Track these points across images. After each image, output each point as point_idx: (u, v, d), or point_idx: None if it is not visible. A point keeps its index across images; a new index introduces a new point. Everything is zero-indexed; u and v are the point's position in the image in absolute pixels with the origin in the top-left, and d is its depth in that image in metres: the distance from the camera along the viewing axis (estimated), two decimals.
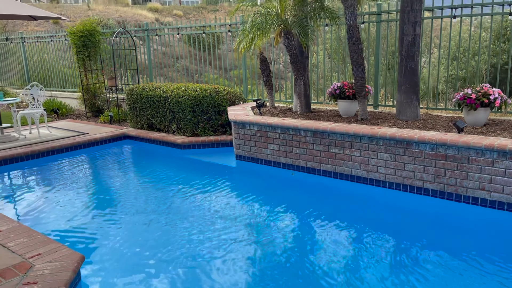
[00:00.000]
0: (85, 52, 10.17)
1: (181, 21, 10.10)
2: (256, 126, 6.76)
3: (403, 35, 6.14)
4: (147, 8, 51.10)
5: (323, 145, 6.05)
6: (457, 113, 6.90)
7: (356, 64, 6.15)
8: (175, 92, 8.23)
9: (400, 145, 5.32)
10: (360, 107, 6.38)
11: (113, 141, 8.71)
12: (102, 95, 10.70)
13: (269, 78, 7.92)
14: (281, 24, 6.50)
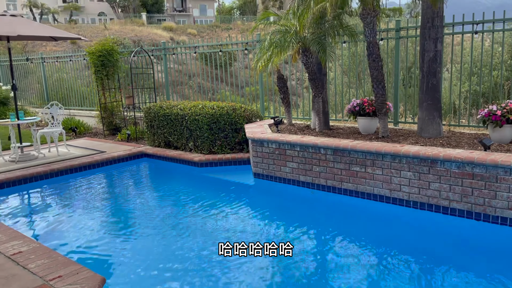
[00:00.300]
0: (104, 71, 10.29)
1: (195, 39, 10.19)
2: (275, 144, 6.69)
3: (424, 51, 6.06)
4: (161, 27, 52.06)
5: (344, 163, 5.94)
6: (480, 130, 6.74)
7: (377, 81, 6.08)
8: (192, 110, 8.23)
9: (424, 163, 5.19)
10: (380, 124, 6.28)
11: (130, 159, 8.71)
12: (119, 114, 10.77)
13: (287, 95, 7.88)
14: (300, 41, 6.48)
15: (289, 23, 6.67)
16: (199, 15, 71.20)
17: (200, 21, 67.02)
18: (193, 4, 70.88)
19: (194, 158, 7.97)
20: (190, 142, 8.40)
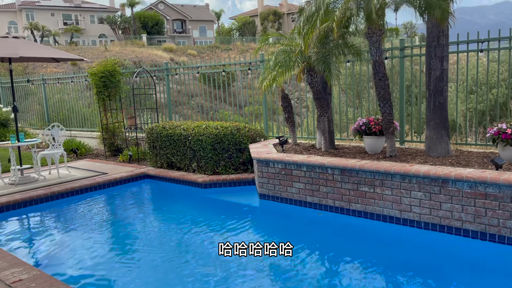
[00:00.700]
0: (105, 92, 10.24)
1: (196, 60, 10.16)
2: (281, 164, 6.58)
3: (430, 70, 6.01)
4: (162, 48, 52.47)
5: (352, 183, 5.82)
6: (488, 148, 6.65)
7: (383, 100, 6.01)
8: (195, 131, 8.14)
9: (435, 183, 5.07)
10: (388, 143, 6.19)
11: (132, 181, 8.58)
12: (121, 134, 10.68)
13: (291, 115, 7.80)
14: (305, 61, 6.43)
15: (293, 43, 6.65)
16: (199, 36, 71.98)
17: (200, 42, 67.70)
18: (193, 25, 71.73)
19: (198, 179, 7.84)
20: (193, 163, 8.28)
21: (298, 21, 6.12)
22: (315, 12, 5.66)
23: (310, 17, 5.60)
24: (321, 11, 5.41)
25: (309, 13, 5.62)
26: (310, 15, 5.61)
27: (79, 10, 62.41)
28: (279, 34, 7.22)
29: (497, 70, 6.52)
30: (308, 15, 5.62)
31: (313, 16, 5.56)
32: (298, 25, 5.99)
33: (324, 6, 5.45)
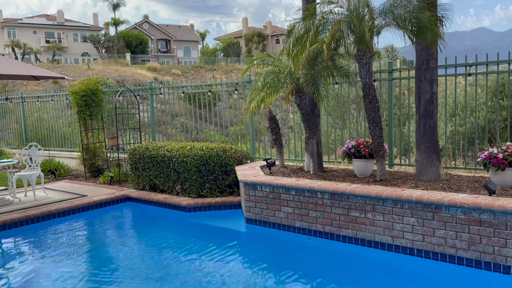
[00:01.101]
0: (87, 111, 9.95)
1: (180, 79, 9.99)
2: (268, 188, 6.38)
3: (420, 93, 5.95)
4: (146, 68, 52.31)
5: (342, 208, 5.65)
6: (477, 172, 6.59)
7: (373, 123, 5.90)
8: (180, 152, 7.90)
9: (428, 209, 4.93)
10: (378, 167, 6.06)
11: (113, 204, 8.24)
12: (102, 155, 10.35)
13: (279, 136, 7.65)
14: (293, 82, 6.32)
15: (282, 64, 6.54)
16: (183, 56, 72.15)
17: (184, 62, 67.80)
18: (177, 45, 71.93)
19: (182, 202, 7.57)
20: (177, 185, 8.02)
21: (287, 42, 6.03)
22: (305, 34, 5.57)
23: (299, 38, 5.51)
24: (310, 33, 5.32)
25: (299, 34, 5.53)
26: (299, 36, 5.52)
27: (62, 28, 62.03)
28: (268, 55, 7.13)
29: (486, 93, 6.51)
30: (298, 37, 5.52)
31: (303, 37, 5.47)
32: (287, 46, 5.89)
33: (314, 27, 5.37)
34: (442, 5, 5.58)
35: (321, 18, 5.54)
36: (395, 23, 5.45)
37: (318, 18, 5.58)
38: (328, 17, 5.43)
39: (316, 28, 5.39)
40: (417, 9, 5.21)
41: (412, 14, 5.11)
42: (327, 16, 5.38)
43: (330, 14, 5.42)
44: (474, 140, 7.10)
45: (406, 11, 5.21)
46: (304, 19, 5.92)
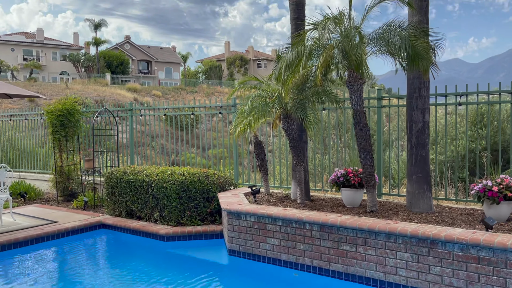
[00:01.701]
0: (62, 132, 9.49)
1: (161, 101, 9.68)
2: (253, 217, 6.04)
3: (412, 122, 5.78)
4: (126, 88, 51.73)
5: (332, 241, 5.34)
6: (468, 204, 6.40)
7: (364, 151, 5.68)
8: (160, 177, 7.51)
9: (423, 244, 4.68)
10: (369, 197, 5.81)
11: (86, 231, 7.74)
12: (76, 178, 9.85)
13: (264, 162, 7.36)
14: (281, 107, 6.08)
15: (270, 88, 6.31)
16: (165, 77, 71.88)
17: (165, 83, 67.47)
18: (158, 67, 71.72)
19: (160, 230, 7.13)
20: (155, 212, 7.59)
21: (277, 67, 5.82)
22: (296, 58, 5.37)
23: (291, 63, 5.30)
24: (303, 57, 5.12)
25: (291, 59, 5.32)
26: (291, 61, 5.30)
27: (41, 46, 61.14)
28: (255, 78, 6.90)
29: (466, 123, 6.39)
30: (290, 61, 5.31)
31: (294, 62, 5.26)
32: (277, 70, 5.68)
33: (307, 52, 5.17)
34: (435, 34, 5.48)
35: (314, 43, 5.36)
36: (387, 50, 5.31)
37: (311, 43, 5.39)
38: (321, 42, 5.24)
39: (309, 52, 5.20)
40: (412, 37, 5.07)
41: (407, 42, 4.96)
42: (320, 41, 5.19)
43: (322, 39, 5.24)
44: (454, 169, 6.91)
45: (401, 38, 5.07)
46: (294, 44, 5.74)
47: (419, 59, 5.08)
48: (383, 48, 5.34)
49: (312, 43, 5.39)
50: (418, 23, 5.56)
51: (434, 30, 5.40)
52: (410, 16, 5.68)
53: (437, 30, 5.29)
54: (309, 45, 5.35)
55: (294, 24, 6.76)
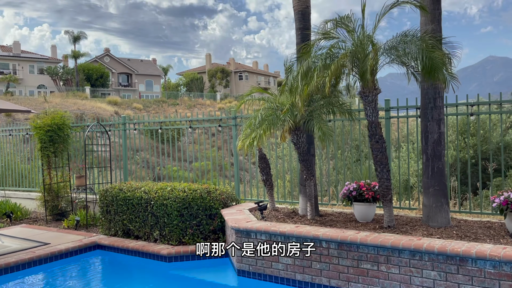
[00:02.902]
0: (51, 147, 9.03)
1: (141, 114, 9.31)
2: (265, 235, 5.74)
3: (427, 133, 5.61)
4: (106, 101, 50.86)
5: (351, 259, 5.09)
6: (482, 216, 6.25)
7: (381, 164, 5.48)
8: (159, 194, 7.15)
9: (452, 261, 4.47)
10: (385, 212, 5.59)
11: (81, 253, 7.29)
12: (66, 196, 9.37)
13: (269, 176, 7.09)
14: (292, 119, 5.84)
15: (277, 100, 6.06)
16: (145, 90, 71.09)
17: (146, 96, 66.70)
18: (139, 79, 70.94)
19: (162, 250, 6.75)
20: (155, 231, 7.21)
21: (289, 78, 5.59)
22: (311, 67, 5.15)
23: (307, 72, 5.07)
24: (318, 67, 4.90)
25: (307, 68, 5.09)
26: (306, 70, 5.07)
27: (18, 59, 59.72)
28: (262, 89, 6.64)
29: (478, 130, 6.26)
30: (306, 70, 5.08)
31: (309, 72, 5.04)
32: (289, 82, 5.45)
33: (323, 60, 4.97)
34: (450, 43, 5.34)
35: (328, 51, 5.16)
36: (400, 60, 5.14)
37: (325, 51, 5.19)
38: (334, 51, 5.05)
39: (324, 60, 4.99)
40: (429, 48, 4.91)
41: (425, 53, 4.79)
42: (334, 50, 4.99)
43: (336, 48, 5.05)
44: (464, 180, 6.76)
45: (418, 49, 4.91)
46: (305, 54, 5.53)
47: (436, 70, 4.92)
48: (397, 58, 5.18)
49: (328, 50, 5.19)
50: (432, 32, 5.43)
51: (450, 38, 5.26)
52: (423, 25, 5.55)
53: (453, 39, 5.15)
54: (324, 53, 5.15)
55: (300, 34, 6.57)
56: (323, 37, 5.58)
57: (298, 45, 6.58)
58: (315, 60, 5.10)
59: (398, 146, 7.23)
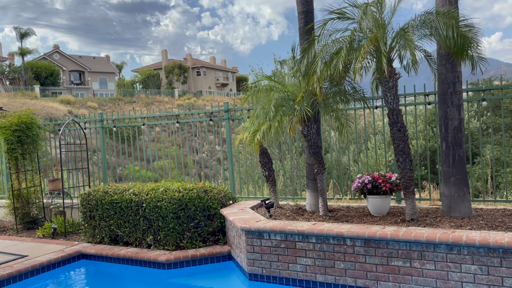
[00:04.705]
0: (19, 149, 8.12)
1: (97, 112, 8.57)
2: (280, 235, 5.29)
3: (447, 120, 5.35)
4: (58, 100, 48.43)
5: (380, 256, 4.74)
6: (496, 204, 6.10)
7: (403, 154, 5.16)
8: (151, 195, 6.53)
9: (494, 254, 4.21)
10: (408, 205, 5.28)
11: (64, 264, 6.54)
12: (38, 202, 8.48)
13: (272, 172, 6.64)
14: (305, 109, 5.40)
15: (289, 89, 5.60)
16: (99, 88, 68.36)
17: (100, 94, 64.16)
18: (92, 77, 68.07)
19: (159, 257, 6.15)
20: (148, 236, 6.58)
21: (302, 63, 5.14)
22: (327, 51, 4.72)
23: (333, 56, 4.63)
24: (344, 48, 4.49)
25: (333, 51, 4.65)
26: (335, 52, 4.63)
27: None
28: (270, 78, 6.15)
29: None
30: (334, 53, 4.64)
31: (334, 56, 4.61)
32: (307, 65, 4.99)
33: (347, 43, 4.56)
34: (471, 25, 5.05)
35: (351, 35, 4.74)
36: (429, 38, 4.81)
37: (349, 34, 4.78)
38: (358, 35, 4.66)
39: (350, 43, 4.57)
40: (459, 25, 4.62)
41: (455, 30, 4.49)
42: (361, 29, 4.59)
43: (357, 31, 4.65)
44: None
45: (445, 26, 4.59)
46: (313, 40, 5.11)
47: (466, 49, 4.64)
48: (424, 37, 4.85)
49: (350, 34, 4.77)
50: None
51: (472, 20, 4.99)
52: (440, 7, 5.26)
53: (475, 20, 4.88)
54: (348, 35, 4.74)
55: (304, 17, 6.14)
56: (336, 18, 5.17)
57: (301, 29, 6.16)
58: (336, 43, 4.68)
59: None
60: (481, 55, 4.86)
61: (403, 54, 4.76)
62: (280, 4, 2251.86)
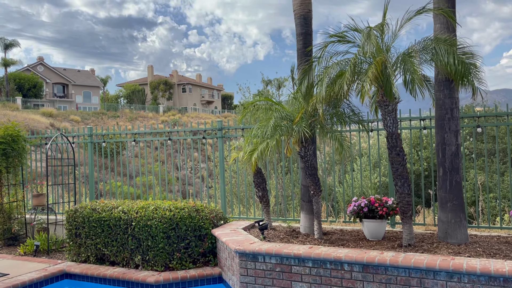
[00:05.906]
0: (4, 162, 7.85)
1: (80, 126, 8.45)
2: (275, 258, 5.16)
3: (445, 145, 5.37)
4: (40, 113, 47.66)
5: (378, 282, 4.65)
6: (492, 231, 6.11)
7: (401, 178, 5.13)
8: (141, 213, 6.35)
9: (495, 283, 4.16)
10: (405, 229, 5.23)
11: (47, 284, 6.27)
12: (20, 217, 8.18)
13: (265, 192, 6.54)
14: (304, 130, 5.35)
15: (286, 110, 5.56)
16: (83, 101, 67.62)
17: (83, 107, 63.41)
18: (76, 90, 67.37)
19: (148, 278, 5.94)
20: (137, 256, 6.37)
21: (303, 84, 5.12)
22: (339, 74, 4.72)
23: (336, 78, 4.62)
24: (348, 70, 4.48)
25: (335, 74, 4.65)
26: (336, 75, 4.63)
27: None
28: (267, 98, 6.11)
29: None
30: (336, 75, 4.63)
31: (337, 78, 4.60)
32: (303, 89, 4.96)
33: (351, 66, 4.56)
34: (470, 53, 5.13)
35: (355, 57, 4.74)
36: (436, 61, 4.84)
37: (352, 57, 4.78)
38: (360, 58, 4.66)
39: (353, 65, 4.57)
40: (459, 52, 4.68)
41: (456, 57, 4.54)
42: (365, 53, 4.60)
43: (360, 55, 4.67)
44: None
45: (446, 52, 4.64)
46: (311, 62, 5.11)
47: (467, 75, 4.68)
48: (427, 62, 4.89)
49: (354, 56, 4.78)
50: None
51: (471, 48, 5.06)
52: (439, 33, 5.33)
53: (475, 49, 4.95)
54: (352, 58, 4.74)
55: (302, 39, 6.16)
56: (336, 41, 5.19)
57: (299, 50, 6.17)
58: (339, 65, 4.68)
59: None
60: (482, 80, 4.91)
61: (408, 78, 4.77)
62: (266, 25, 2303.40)
